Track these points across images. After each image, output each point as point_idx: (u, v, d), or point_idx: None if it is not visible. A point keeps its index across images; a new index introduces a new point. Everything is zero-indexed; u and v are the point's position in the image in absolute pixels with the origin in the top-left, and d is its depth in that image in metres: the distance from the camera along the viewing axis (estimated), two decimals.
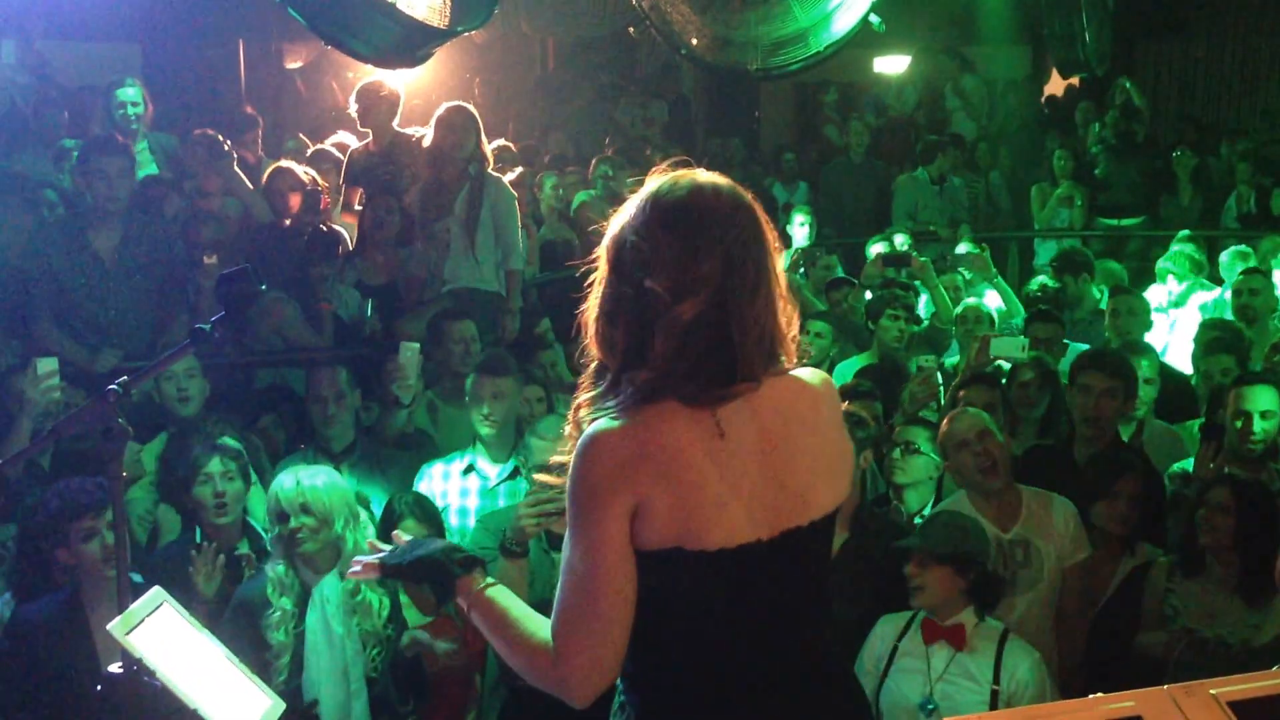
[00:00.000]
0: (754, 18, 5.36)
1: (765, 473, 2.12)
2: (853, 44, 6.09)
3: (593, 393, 2.17)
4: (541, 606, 4.05)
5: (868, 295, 6.98)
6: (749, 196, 2.20)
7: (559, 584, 2.11)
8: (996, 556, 4.12)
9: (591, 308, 2.17)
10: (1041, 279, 7.50)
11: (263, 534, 4.36)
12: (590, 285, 2.20)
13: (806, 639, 2.21)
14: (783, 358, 2.20)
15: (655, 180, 2.19)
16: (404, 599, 4.30)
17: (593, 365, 2.20)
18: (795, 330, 2.22)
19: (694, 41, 5.60)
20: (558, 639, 2.10)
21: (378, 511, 4.47)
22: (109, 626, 2.41)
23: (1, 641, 3.91)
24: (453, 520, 4.71)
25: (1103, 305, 7.01)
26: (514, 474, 4.78)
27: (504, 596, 2.27)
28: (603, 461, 2.06)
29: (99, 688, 2.45)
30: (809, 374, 2.25)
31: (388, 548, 2.45)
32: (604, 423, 2.09)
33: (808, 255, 7.85)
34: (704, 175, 2.19)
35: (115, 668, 2.44)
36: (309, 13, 4.58)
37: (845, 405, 4.31)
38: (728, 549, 2.08)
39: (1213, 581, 4.02)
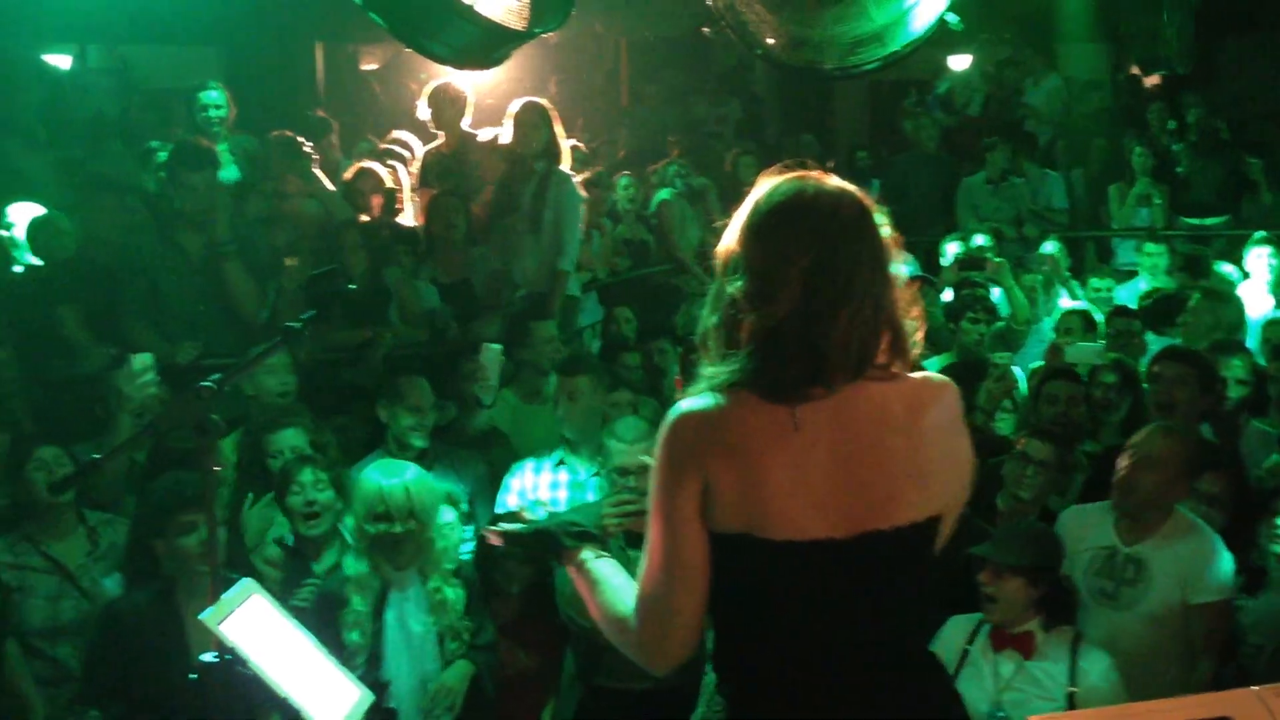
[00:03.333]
0: (830, 17, 5.32)
1: (843, 473, 2.12)
2: (929, 42, 6.03)
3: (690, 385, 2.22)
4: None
5: (946, 295, 6.95)
6: (861, 202, 2.19)
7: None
8: (1105, 567, 4.06)
9: (705, 304, 2.23)
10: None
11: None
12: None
13: (891, 642, 2.19)
14: (895, 363, 2.18)
15: (764, 182, 2.22)
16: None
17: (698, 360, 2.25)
18: (910, 334, 2.20)
19: (769, 41, 5.58)
20: (636, 607, 2.22)
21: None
22: (201, 616, 2.46)
23: (99, 628, 4.03)
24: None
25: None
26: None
27: (604, 568, 2.39)
28: (676, 439, 2.14)
29: (193, 676, 2.50)
30: (922, 379, 2.24)
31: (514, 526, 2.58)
32: (683, 404, 2.16)
33: None
34: (812, 179, 2.19)
35: (209, 656, 2.49)
36: (389, 16, 4.64)
37: None
38: (797, 541, 2.10)
39: None
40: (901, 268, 2.24)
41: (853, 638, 2.16)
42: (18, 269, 6.38)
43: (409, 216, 7.25)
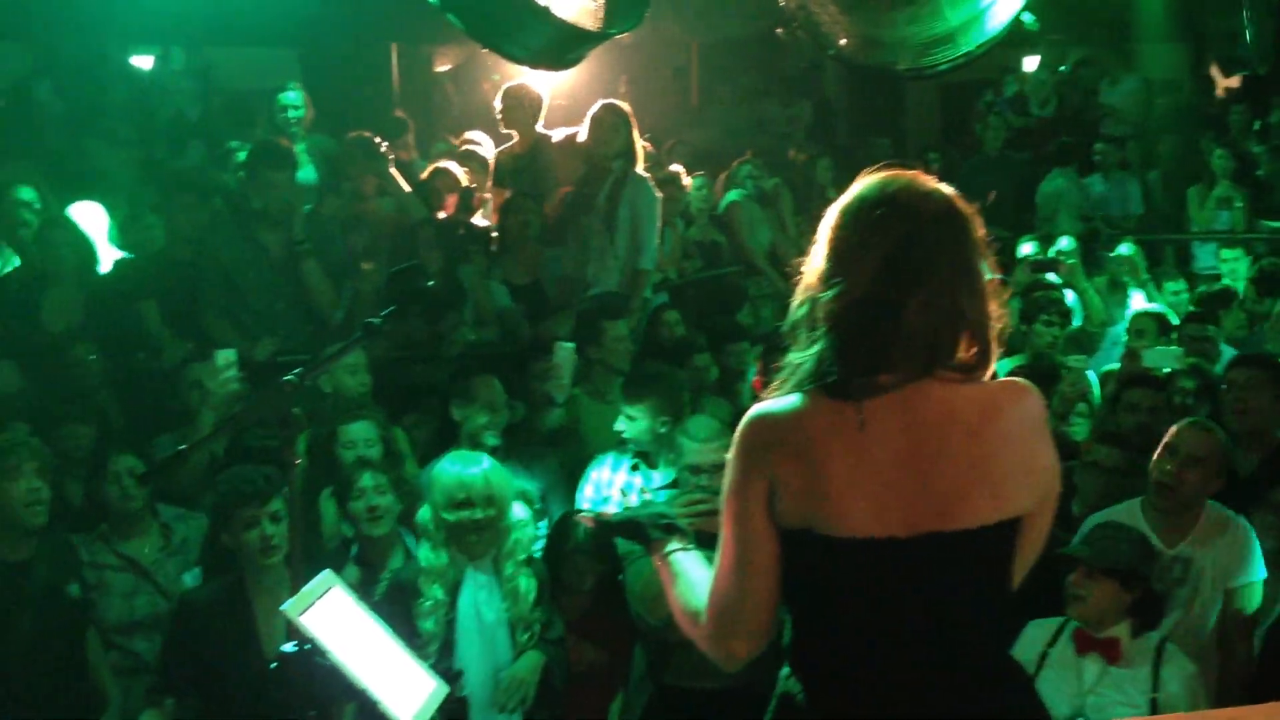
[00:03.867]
0: (902, 18, 5.30)
1: (905, 473, 2.13)
2: (1003, 42, 5.98)
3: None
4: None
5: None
6: (951, 201, 2.22)
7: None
8: (1156, 572, 4.03)
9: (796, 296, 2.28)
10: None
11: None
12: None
13: (958, 643, 2.18)
14: (973, 366, 2.19)
15: (861, 179, 2.26)
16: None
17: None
18: (995, 339, 2.21)
19: (842, 42, 5.56)
20: (707, 603, 2.27)
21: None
22: (283, 607, 2.50)
23: (174, 620, 4.13)
24: None
25: None
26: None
27: (685, 561, 2.44)
28: (746, 440, 2.20)
29: (273, 665, 2.56)
30: (1003, 383, 2.25)
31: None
32: (758, 406, 2.22)
33: None
34: (905, 175, 2.23)
35: (289, 647, 2.54)
36: (466, 17, 4.69)
37: None
38: (856, 539, 2.12)
39: None
40: (992, 274, 2.24)
41: (915, 636, 2.15)
42: (101, 267, 6.53)
43: (482, 216, 7.33)
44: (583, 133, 6.66)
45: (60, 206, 6.82)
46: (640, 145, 6.66)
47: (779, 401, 2.19)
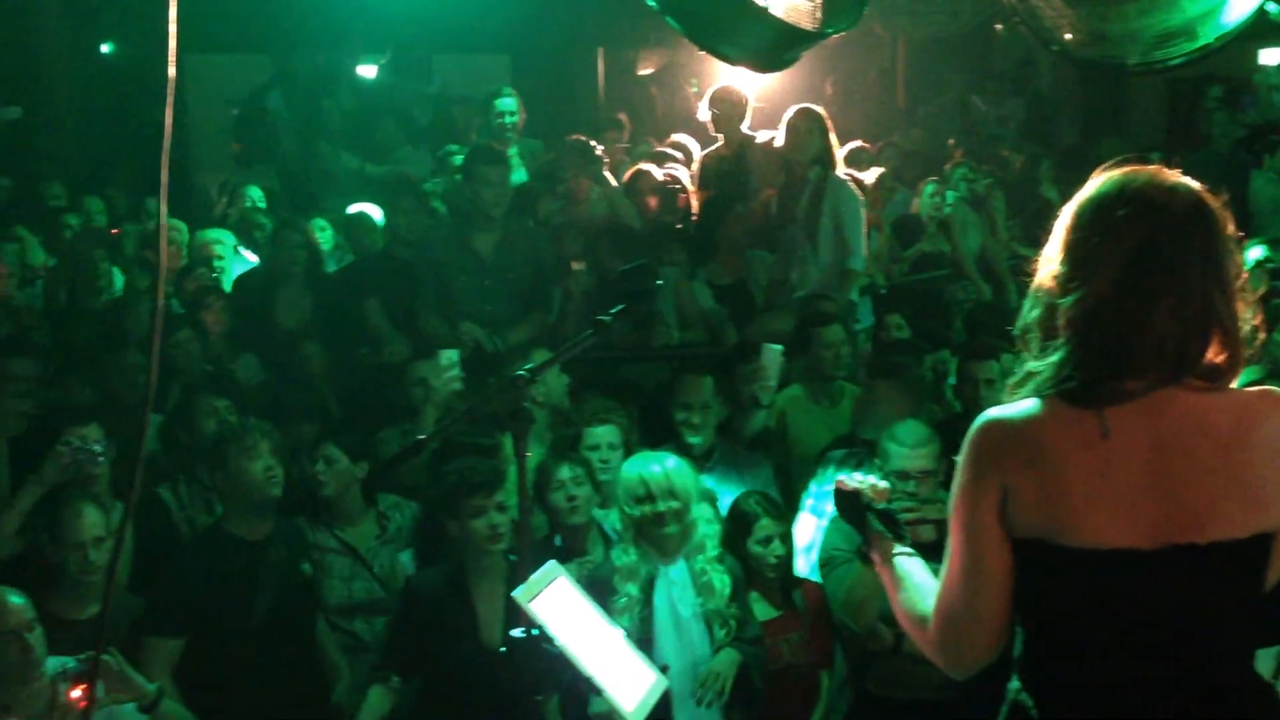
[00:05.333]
0: (1134, 10, 5.07)
1: (1154, 482, 2.05)
2: (1243, 35, 5.66)
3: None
4: (889, 613, 4.04)
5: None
6: (1198, 196, 2.14)
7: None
8: None
9: (1028, 300, 2.23)
10: None
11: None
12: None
13: (1203, 659, 2.10)
14: (1224, 372, 2.10)
15: (1098, 175, 2.19)
16: (753, 594, 4.38)
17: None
18: (1247, 343, 2.12)
19: (1067, 37, 5.36)
20: (934, 611, 2.24)
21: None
22: (514, 593, 2.56)
23: (400, 602, 4.32)
24: None
25: None
26: None
27: (910, 565, 2.42)
28: (979, 447, 2.14)
29: (502, 650, 2.63)
30: (1260, 392, 2.14)
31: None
32: (991, 411, 2.17)
33: None
34: (1147, 170, 2.15)
35: (518, 632, 2.62)
36: (684, 19, 4.73)
37: None
38: (1098, 549, 2.05)
39: None
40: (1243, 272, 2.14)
41: (1158, 650, 2.08)
42: (326, 268, 6.86)
43: (686, 218, 7.38)
44: (779, 138, 6.64)
45: (291, 210, 7.21)
46: (836, 148, 6.61)
47: (1014, 407, 2.14)
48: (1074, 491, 2.06)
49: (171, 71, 1.79)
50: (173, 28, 1.78)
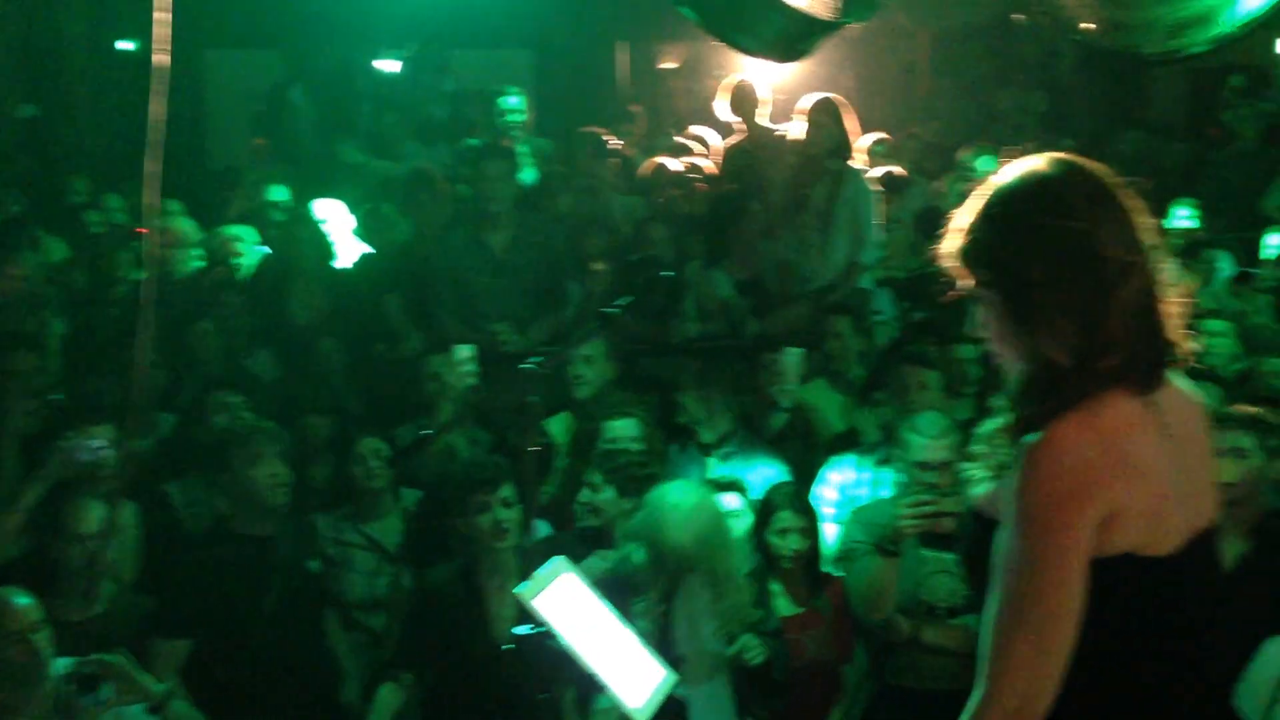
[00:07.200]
0: None
1: (1188, 473, 2.01)
2: (1264, 23, 5.58)
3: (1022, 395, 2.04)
4: (907, 605, 4.03)
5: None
6: (1104, 180, 2.04)
7: (994, 598, 1.93)
8: None
9: None
10: None
11: None
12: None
13: (1212, 658, 2.07)
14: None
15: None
16: (776, 588, 4.35)
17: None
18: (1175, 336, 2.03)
19: (1086, 26, 5.30)
20: (992, 660, 1.91)
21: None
22: (516, 590, 2.55)
23: (412, 599, 4.31)
24: None
25: None
26: None
27: None
28: (1068, 465, 1.87)
29: (508, 647, 2.61)
30: (1187, 383, 2.13)
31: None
32: (1057, 426, 1.90)
33: (1194, 250, 7.33)
34: (1083, 160, 2.07)
35: (523, 629, 2.59)
36: (700, 10, 4.71)
37: (1258, 410, 4.02)
38: (1173, 555, 1.94)
39: None
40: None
41: (1196, 657, 2.02)
42: (343, 262, 6.85)
43: (706, 210, 7.34)
44: (796, 129, 6.60)
45: (309, 205, 7.20)
46: (855, 139, 6.56)
47: (1086, 415, 1.90)
48: (1164, 497, 1.92)
49: (165, 60, 1.77)
50: (162, 16, 1.76)
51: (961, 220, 2.07)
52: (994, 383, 4.91)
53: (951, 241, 2.08)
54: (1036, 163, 2.04)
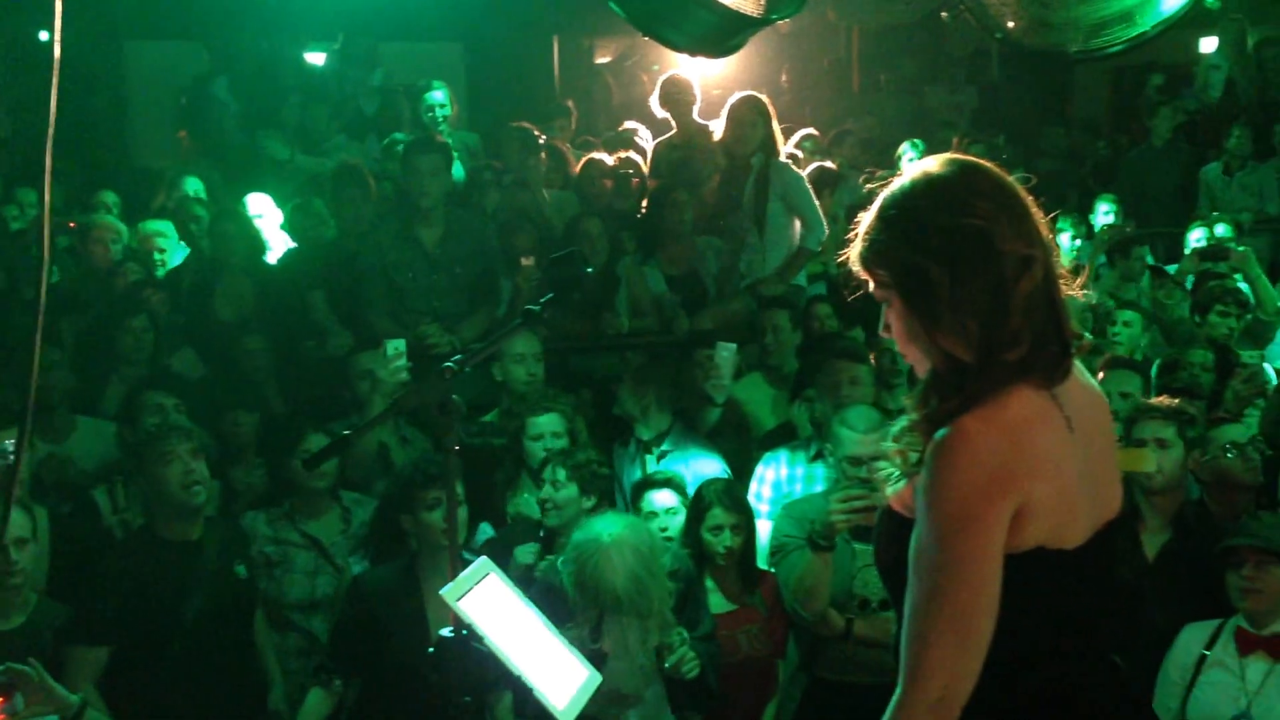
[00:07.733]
0: None
1: (1092, 465, 2.03)
2: (1180, 23, 5.68)
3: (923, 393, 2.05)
4: (840, 599, 4.04)
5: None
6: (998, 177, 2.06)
7: (911, 595, 1.94)
8: None
9: None
10: None
11: None
12: None
13: (1113, 648, 2.11)
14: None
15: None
16: (710, 584, 4.34)
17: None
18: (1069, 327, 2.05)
19: (1010, 25, 5.37)
20: (911, 657, 1.93)
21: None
22: (441, 592, 2.52)
23: (346, 600, 4.20)
24: None
25: None
26: None
27: None
28: (979, 460, 1.89)
29: (431, 650, 2.58)
30: (1088, 377, 2.16)
31: None
32: (966, 420, 1.92)
33: (1116, 245, 7.44)
34: (971, 159, 2.10)
35: (446, 632, 2.56)
36: (628, 6, 4.69)
37: (1173, 402, 4.09)
38: (1081, 546, 1.98)
39: None
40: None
41: (1100, 648, 2.07)
42: (269, 258, 6.75)
43: (638, 206, 7.33)
44: (720, 127, 6.62)
45: (234, 200, 7.08)
46: (779, 136, 6.59)
47: (994, 409, 1.92)
48: (1070, 489, 1.94)
49: (57, 50, 1.71)
50: (58, 5, 1.70)
51: (862, 224, 2.08)
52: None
53: (854, 246, 2.09)
54: (929, 164, 2.06)
